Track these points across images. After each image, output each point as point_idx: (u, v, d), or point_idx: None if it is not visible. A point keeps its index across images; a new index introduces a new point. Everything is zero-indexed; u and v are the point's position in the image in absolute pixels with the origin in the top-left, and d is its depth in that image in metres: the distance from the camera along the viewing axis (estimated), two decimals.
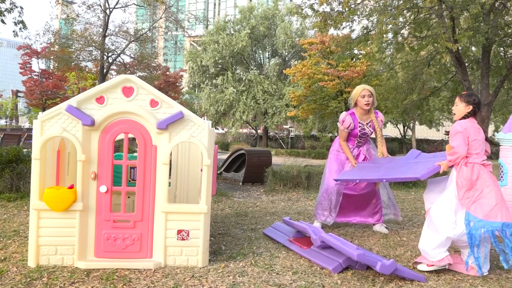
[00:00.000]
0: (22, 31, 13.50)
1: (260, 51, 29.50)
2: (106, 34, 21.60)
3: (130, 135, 3.19)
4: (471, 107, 3.42)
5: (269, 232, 4.31)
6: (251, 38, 26.74)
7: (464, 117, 3.44)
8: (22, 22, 13.36)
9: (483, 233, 3.11)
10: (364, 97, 4.46)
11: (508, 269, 3.51)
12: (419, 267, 3.35)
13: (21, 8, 13.22)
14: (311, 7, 11.61)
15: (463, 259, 3.38)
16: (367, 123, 4.56)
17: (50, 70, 40.91)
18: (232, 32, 27.42)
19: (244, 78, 26.06)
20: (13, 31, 13.45)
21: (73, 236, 3.09)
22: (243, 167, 8.78)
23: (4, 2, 12.30)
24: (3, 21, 12.11)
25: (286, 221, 4.33)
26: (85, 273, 2.99)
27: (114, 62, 23.68)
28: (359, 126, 4.54)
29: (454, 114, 3.52)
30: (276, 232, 4.23)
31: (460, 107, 3.47)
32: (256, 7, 28.52)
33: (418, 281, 3.12)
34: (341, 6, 11.04)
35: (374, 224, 4.73)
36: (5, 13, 12.35)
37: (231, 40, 25.39)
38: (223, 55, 25.98)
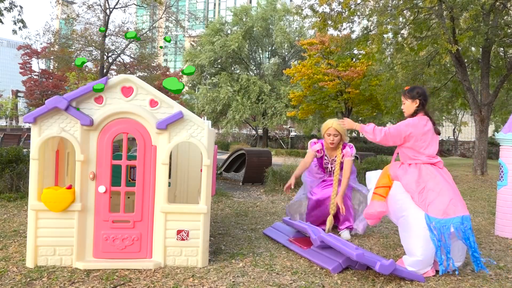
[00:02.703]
0: (21, 29, 13.52)
1: (260, 51, 29.51)
2: (106, 34, 21.60)
3: (130, 135, 3.19)
4: (417, 101, 3.38)
5: (269, 232, 4.30)
6: (248, 39, 26.74)
7: (414, 113, 3.39)
8: (22, 21, 13.38)
9: (446, 231, 3.07)
10: (329, 135, 4.25)
11: (508, 269, 3.50)
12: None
13: (21, 7, 13.22)
14: (311, 7, 11.61)
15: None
16: (332, 159, 4.42)
17: (50, 70, 40.94)
18: (229, 32, 27.44)
19: (239, 78, 26.06)
20: (13, 30, 13.46)
21: (71, 237, 3.08)
22: (243, 167, 8.78)
23: (3, 2, 12.30)
24: (1, 21, 12.11)
25: (286, 221, 4.32)
26: (85, 273, 2.98)
27: (114, 62, 23.69)
28: (325, 159, 4.44)
29: (404, 111, 3.48)
30: (276, 232, 4.23)
31: (407, 104, 3.43)
32: (254, 8, 28.53)
33: (418, 281, 3.12)
34: (340, 6, 11.04)
35: (339, 229, 4.51)
36: (4, 12, 12.35)
37: (226, 41, 25.42)
38: (219, 55, 26.01)
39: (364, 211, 3.56)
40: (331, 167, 4.45)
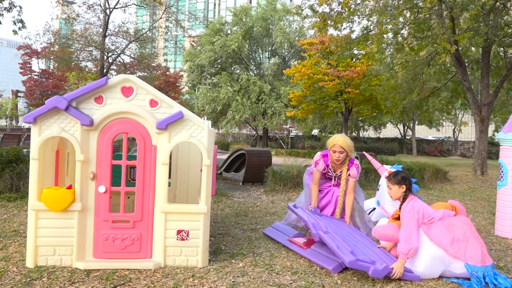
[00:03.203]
0: (21, 30, 13.52)
1: (260, 51, 29.51)
2: (106, 34, 21.60)
3: (130, 135, 3.18)
4: (404, 187, 3.42)
5: (269, 232, 4.30)
6: (248, 39, 26.74)
7: (403, 199, 3.41)
8: (21, 21, 13.38)
9: (489, 277, 3.10)
10: (335, 152, 4.13)
11: (508, 269, 3.50)
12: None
13: (20, 7, 13.22)
14: (311, 7, 11.62)
15: None
16: (336, 174, 4.30)
17: (50, 70, 40.94)
18: (229, 32, 27.44)
19: (239, 78, 26.06)
20: (13, 30, 13.46)
21: (71, 237, 3.08)
22: (243, 167, 8.78)
23: (2, 2, 12.30)
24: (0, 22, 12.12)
25: (290, 207, 4.18)
26: (85, 273, 2.98)
27: (114, 62, 23.69)
28: (328, 172, 4.32)
29: (391, 196, 3.51)
30: (276, 232, 4.23)
31: (394, 190, 3.47)
32: (254, 8, 28.53)
33: (418, 282, 3.11)
34: (340, 6, 11.04)
35: None
36: (4, 12, 12.35)
37: (226, 41, 25.42)
38: (219, 55, 26.01)
39: (373, 230, 3.53)
40: (335, 180, 4.36)
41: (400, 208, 3.43)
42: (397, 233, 3.32)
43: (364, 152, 4.85)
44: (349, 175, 4.18)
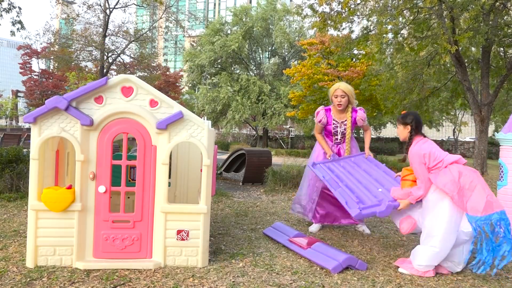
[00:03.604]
0: (19, 31, 13.51)
1: (260, 51, 29.51)
2: (106, 34, 21.60)
3: (130, 135, 3.18)
4: (409, 127, 3.47)
5: (269, 232, 4.30)
6: (248, 39, 26.73)
7: (410, 140, 3.45)
8: (20, 22, 13.36)
9: (487, 228, 3.09)
10: (337, 97, 4.35)
11: (507, 269, 3.51)
12: (401, 270, 3.32)
13: (19, 8, 13.21)
14: (310, 7, 11.61)
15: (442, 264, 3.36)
16: (342, 122, 4.47)
17: (50, 70, 40.94)
18: (229, 32, 27.44)
19: (239, 78, 26.05)
20: (11, 31, 13.45)
21: (71, 237, 3.08)
22: (243, 167, 8.77)
23: (1, 3, 12.30)
24: None
25: (310, 167, 4.30)
26: (85, 273, 2.98)
27: (114, 62, 23.69)
28: (333, 123, 4.47)
29: (399, 136, 3.59)
30: (276, 232, 4.23)
31: (401, 130, 3.55)
32: (254, 8, 28.52)
33: (418, 282, 3.12)
34: (340, 6, 11.04)
35: (356, 224, 4.69)
36: (3, 13, 12.35)
37: (226, 41, 25.42)
38: (219, 55, 26.00)
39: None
40: (341, 130, 4.46)
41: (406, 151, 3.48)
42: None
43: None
44: (355, 118, 4.40)
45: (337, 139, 4.57)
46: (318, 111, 4.56)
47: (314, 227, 4.60)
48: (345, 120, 4.46)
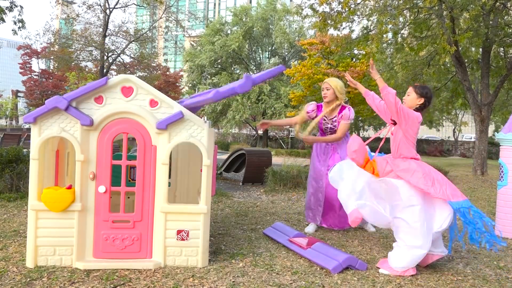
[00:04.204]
0: (21, 30, 13.54)
1: (260, 51, 29.51)
2: (106, 34, 21.60)
3: (130, 135, 3.18)
4: (422, 100, 3.41)
5: (269, 232, 4.30)
6: (248, 39, 26.72)
7: (415, 110, 3.42)
8: (21, 21, 13.39)
9: (468, 211, 3.11)
10: (323, 90, 4.40)
11: (508, 269, 3.51)
12: (382, 271, 3.30)
13: (21, 7, 13.24)
14: (311, 7, 11.62)
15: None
16: (331, 119, 4.47)
17: (50, 70, 40.95)
18: (229, 32, 27.43)
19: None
20: (13, 30, 13.47)
21: (71, 237, 3.08)
22: (243, 167, 8.77)
23: (4, 0, 12.32)
24: (3, 19, 12.13)
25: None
26: (85, 273, 2.98)
27: (114, 62, 23.69)
28: (323, 120, 4.49)
29: (404, 102, 3.48)
30: (276, 232, 4.23)
31: (412, 97, 3.45)
32: (254, 8, 28.50)
33: (418, 282, 3.12)
34: (340, 6, 11.04)
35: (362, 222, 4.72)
36: (6, 11, 12.37)
37: (226, 41, 25.41)
38: (219, 55, 26.00)
39: (354, 217, 3.41)
40: (331, 128, 4.47)
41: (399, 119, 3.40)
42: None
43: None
44: (341, 116, 4.37)
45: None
46: (308, 103, 4.64)
47: (310, 228, 4.59)
48: (334, 117, 4.46)
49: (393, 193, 3.26)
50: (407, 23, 11.62)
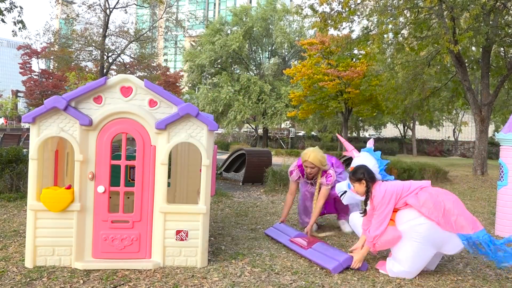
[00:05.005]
0: (21, 30, 13.53)
1: (260, 51, 29.50)
2: (106, 34, 21.59)
3: (129, 135, 3.18)
4: (363, 182, 3.35)
5: (270, 232, 4.29)
6: (248, 39, 26.71)
7: (368, 192, 3.34)
8: (21, 21, 13.37)
9: (483, 242, 3.09)
10: (306, 167, 4.30)
11: (508, 269, 3.50)
12: (381, 271, 3.31)
13: (21, 8, 13.23)
14: (311, 7, 11.61)
15: None
16: (311, 183, 4.48)
17: (50, 70, 40.95)
18: (229, 32, 27.43)
19: (240, 78, 26.05)
20: (12, 31, 13.46)
21: (70, 237, 3.07)
22: (243, 167, 8.77)
23: (4, 2, 12.31)
24: (3, 20, 12.11)
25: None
26: (85, 273, 2.98)
27: (114, 62, 23.68)
28: (305, 180, 4.51)
29: (357, 193, 3.45)
30: (277, 232, 4.22)
31: (356, 187, 3.42)
32: (254, 8, 28.50)
33: (418, 282, 3.11)
34: (341, 6, 11.04)
35: (339, 219, 4.78)
36: (5, 12, 12.36)
37: (227, 41, 25.41)
38: (219, 55, 25.99)
39: (379, 242, 3.35)
40: (313, 187, 4.52)
41: (370, 201, 3.35)
42: (397, 233, 3.26)
43: (338, 135, 5.07)
44: (321, 183, 4.33)
45: (313, 181, 4.53)
46: (291, 169, 4.53)
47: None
48: (315, 180, 4.43)
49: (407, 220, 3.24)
50: (408, 23, 11.62)
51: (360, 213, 3.58)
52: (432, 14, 10.94)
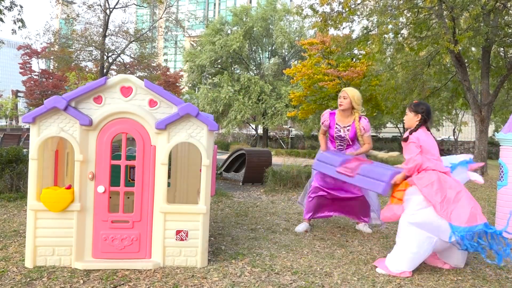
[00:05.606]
0: (21, 29, 13.53)
1: (260, 51, 29.50)
2: (106, 34, 21.59)
3: (129, 135, 3.18)
4: (419, 116, 3.48)
5: (317, 166, 4.18)
6: (248, 39, 26.71)
7: (416, 127, 3.47)
8: (21, 20, 13.37)
9: (470, 238, 3.10)
10: (340, 98, 4.43)
11: (507, 269, 3.50)
12: (378, 270, 3.31)
13: (21, 6, 13.22)
14: (311, 7, 11.61)
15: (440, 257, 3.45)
16: (345, 126, 4.45)
17: (50, 70, 40.96)
18: (229, 32, 27.42)
19: (240, 78, 26.04)
20: (12, 30, 13.46)
21: (70, 237, 3.07)
22: (243, 167, 8.77)
23: (3, 0, 12.30)
24: (1, 20, 12.10)
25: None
26: (85, 273, 2.98)
27: (114, 62, 23.68)
28: (336, 127, 4.47)
29: (405, 123, 3.59)
30: (324, 165, 4.10)
31: (410, 117, 3.53)
32: (254, 8, 28.49)
33: (418, 282, 3.11)
34: (341, 6, 11.04)
35: (358, 223, 4.74)
36: (5, 11, 12.35)
37: (227, 41, 25.40)
38: (220, 55, 25.98)
39: (381, 213, 3.54)
40: (343, 135, 4.46)
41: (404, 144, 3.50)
42: (399, 212, 3.36)
43: None
44: (361, 125, 4.37)
45: (340, 145, 4.53)
46: (323, 113, 4.63)
47: (301, 227, 4.58)
48: (349, 125, 4.43)
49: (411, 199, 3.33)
50: (407, 23, 11.62)
51: None
52: (432, 14, 10.94)
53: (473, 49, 12.62)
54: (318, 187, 4.46)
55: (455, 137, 30.92)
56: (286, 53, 28.94)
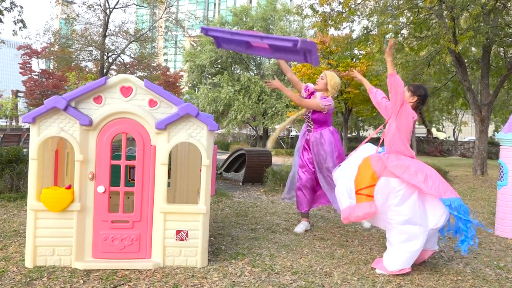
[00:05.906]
0: (21, 30, 13.51)
1: None
2: (106, 34, 21.58)
3: (129, 135, 3.18)
4: (415, 98, 3.46)
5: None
6: None
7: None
8: (21, 21, 13.36)
9: (463, 208, 3.11)
10: (318, 78, 4.53)
11: (508, 269, 3.50)
12: (378, 271, 3.29)
13: (21, 7, 13.21)
14: (311, 7, 11.61)
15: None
16: (308, 123, 4.60)
17: (50, 70, 40.94)
18: None
19: (241, 78, 26.03)
20: (13, 30, 13.44)
21: (70, 237, 3.07)
22: (243, 167, 8.77)
23: (4, 1, 12.29)
24: (1, 20, 12.09)
25: None
26: (85, 273, 2.98)
27: (114, 62, 23.67)
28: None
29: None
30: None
31: (406, 95, 3.48)
32: (254, 8, 28.48)
33: (418, 282, 3.11)
34: (341, 6, 11.04)
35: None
36: (5, 12, 12.33)
37: None
38: (220, 55, 25.98)
39: (347, 215, 3.40)
40: (308, 113, 4.58)
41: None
42: (370, 210, 3.28)
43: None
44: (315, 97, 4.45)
45: (309, 126, 4.62)
46: (308, 84, 4.74)
47: (300, 227, 4.56)
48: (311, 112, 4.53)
49: (387, 193, 3.27)
50: (408, 23, 11.62)
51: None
52: (432, 14, 10.94)
53: (473, 49, 12.63)
54: (302, 171, 4.54)
55: (455, 137, 30.92)
56: None
